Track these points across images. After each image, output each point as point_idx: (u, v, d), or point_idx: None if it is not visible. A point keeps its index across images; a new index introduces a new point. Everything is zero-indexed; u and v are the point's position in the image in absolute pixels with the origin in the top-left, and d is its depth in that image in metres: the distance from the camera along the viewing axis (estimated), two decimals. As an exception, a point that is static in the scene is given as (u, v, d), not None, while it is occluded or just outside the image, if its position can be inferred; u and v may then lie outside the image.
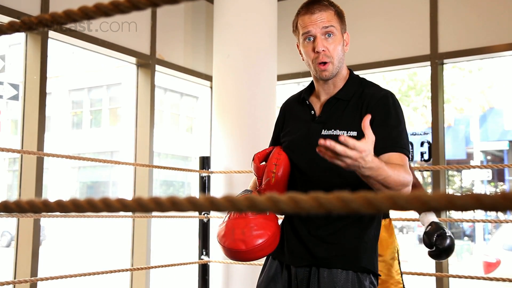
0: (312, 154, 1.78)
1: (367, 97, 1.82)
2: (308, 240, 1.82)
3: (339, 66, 1.86)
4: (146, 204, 0.58)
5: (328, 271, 1.78)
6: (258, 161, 1.90)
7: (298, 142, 1.87)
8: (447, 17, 4.76)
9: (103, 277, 9.43)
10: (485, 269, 6.77)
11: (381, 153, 1.70)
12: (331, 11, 1.84)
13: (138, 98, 4.96)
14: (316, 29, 1.80)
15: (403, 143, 1.76)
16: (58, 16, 0.68)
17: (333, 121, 1.82)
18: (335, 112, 1.84)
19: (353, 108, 1.82)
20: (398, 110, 1.83)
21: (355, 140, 1.49)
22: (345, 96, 1.85)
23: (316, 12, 1.81)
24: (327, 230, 1.80)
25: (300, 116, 1.93)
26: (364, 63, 5.15)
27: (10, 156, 20.85)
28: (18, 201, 0.66)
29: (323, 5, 1.83)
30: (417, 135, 4.86)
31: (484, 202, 0.45)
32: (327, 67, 1.81)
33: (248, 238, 1.77)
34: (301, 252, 1.83)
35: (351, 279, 1.77)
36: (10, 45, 18.25)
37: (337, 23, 1.85)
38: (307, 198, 0.51)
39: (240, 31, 4.77)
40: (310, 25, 1.81)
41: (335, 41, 1.83)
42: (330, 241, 1.80)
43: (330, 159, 1.51)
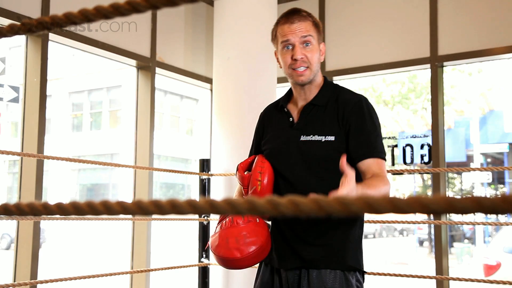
0: (292, 159, 1.89)
1: (342, 103, 1.90)
2: (296, 244, 1.89)
3: (315, 73, 1.93)
4: (146, 207, 0.58)
5: (317, 272, 1.85)
6: (242, 171, 1.97)
7: (279, 149, 1.95)
8: (447, 20, 4.77)
9: (103, 280, 9.41)
10: (485, 271, 6.76)
11: (360, 160, 1.82)
12: (309, 22, 1.92)
13: (138, 100, 4.96)
14: (295, 38, 1.89)
15: (380, 148, 1.86)
16: (58, 18, 0.68)
17: (311, 127, 1.90)
18: (312, 118, 1.92)
19: (329, 113, 1.90)
20: (373, 115, 1.91)
21: (337, 191, 1.57)
22: (320, 102, 1.93)
23: (295, 22, 1.89)
24: (313, 233, 1.88)
25: (279, 123, 2.01)
26: (364, 66, 5.15)
27: (10, 159, 20.85)
28: (18, 204, 0.66)
29: (301, 16, 1.91)
30: (417, 138, 4.86)
31: (484, 205, 0.45)
32: (304, 72, 1.90)
33: (242, 246, 1.83)
34: (289, 255, 1.90)
35: (339, 278, 1.84)
36: (10, 47, 18.27)
37: (314, 33, 1.92)
38: (307, 201, 0.51)
39: (240, 34, 4.78)
40: (289, 34, 1.89)
41: (312, 50, 1.91)
42: (317, 243, 1.87)
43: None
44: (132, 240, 4.80)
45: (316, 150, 1.86)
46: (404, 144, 4.90)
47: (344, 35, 5.26)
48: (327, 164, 1.85)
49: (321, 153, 1.86)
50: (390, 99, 20.71)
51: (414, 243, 17.16)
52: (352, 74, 5.28)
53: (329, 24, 5.33)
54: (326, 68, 5.26)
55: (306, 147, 1.88)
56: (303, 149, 1.88)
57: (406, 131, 16.36)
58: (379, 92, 20.71)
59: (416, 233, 17.75)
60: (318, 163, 1.87)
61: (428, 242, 17.08)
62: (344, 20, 5.28)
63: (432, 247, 16.10)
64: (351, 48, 5.22)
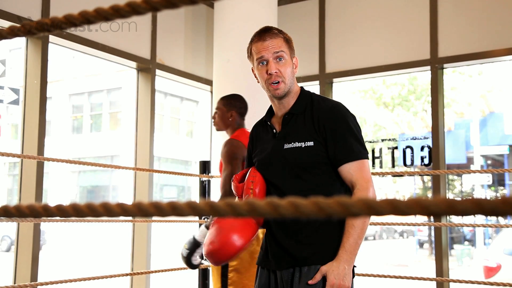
0: (279, 167, 2.03)
1: (317, 110, 2.03)
2: (287, 244, 2.00)
3: (290, 85, 2.06)
4: (146, 208, 0.58)
5: (308, 268, 1.96)
6: (237, 181, 2.12)
7: (266, 160, 2.08)
8: (447, 22, 4.77)
9: (103, 282, 9.41)
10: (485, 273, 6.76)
11: (340, 165, 1.96)
12: (280, 38, 2.05)
13: (139, 102, 4.96)
14: (268, 54, 2.02)
15: (357, 150, 1.97)
16: (58, 20, 0.68)
17: (292, 135, 2.03)
18: (292, 126, 2.05)
19: (306, 120, 2.03)
20: (347, 118, 2.01)
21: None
22: (297, 110, 2.06)
23: (267, 39, 2.03)
24: (303, 233, 1.99)
25: (264, 136, 2.16)
26: (364, 68, 5.15)
27: (10, 161, 20.86)
28: (18, 206, 0.66)
29: (273, 33, 2.05)
30: (417, 140, 4.86)
31: (484, 207, 0.45)
32: (279, 86, 2.02)
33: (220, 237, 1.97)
34: (282, 256, 2.01)
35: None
36: (10, 49, 18.29)
37: (286, 49, 2.05)
38: (307, 202, 0.51)
39: (240, 36, 4.78)
40: (263, 51, 2.03)
41: (285, 64, 2.04)
42: (307, 242, 1.98)
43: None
44: (132, 242, 4.79)
45: (298, 156, 1.98)
46: (404, 146, 4.89)
47: (344, 37, 5.26)
48: (310, 168, 1.98)
49: (303, 158, 1.98)
50: (390, 101, 20.71)
51: (414, 245, 17.15)
52: (352, 76, 5.28)
53: (330, 26, 5.33)
54: (326, 70, 5.26)
55: (289, 154, 2.01)
56: (287, 157, 2.01)
57: (406, 133, 16.36)
58: (379, 94, 20.71)
59: (416, 235, 17.74)
60: (301, 168, 1.98)
61: (429, 244, 17.07)
62: (344, 22, 5.28)
63: (432, 249, 16.08)
64: (351, 50, 5.22)
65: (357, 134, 1.99)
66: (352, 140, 1.97)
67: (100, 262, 13.56)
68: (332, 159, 1.96)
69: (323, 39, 5.32)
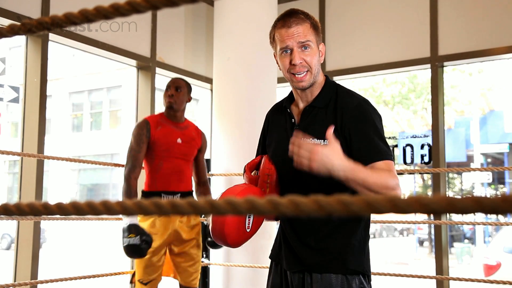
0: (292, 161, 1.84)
1: (341, 107, 1.87)
2: (298, 248, 1.90)
3: (316, 75, 1.89)
4: (146, 206, 0.58)
5: (320, 276, 1.85)
6: (249, 172, 1.97)
7: (281, 150, 1.92)
8: (447, 20, 4.77)
9: (103, 280, 9.40)
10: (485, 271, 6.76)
11: (367, 164, 1.77)
12: (307, 24, 1.87)
13: (139, 100, 4.96)
14: (293, 43, 1.84)
15: (383, 150, 1.81)
16: (58, 19, 0.68)
17: (310, 130, 1.87)
18: (312, 120, 1.90)
19: (329, 117, 1.87)
20: (373, 117, 1.87)
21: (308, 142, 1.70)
22: (320, 104, 1.90)
23: (292, 26, 1.85)
24: (315, 237, 1.88)
25: (281, 124, 2.00)
26: (364, 66, 5.15)
27: (10, 159, 20.86)
28: (18, 204, 0.66)
29: (299, 18, 1.86)
30: (417, 138, 4.86)
31: (484, 204, 0.45)
32: (304, 78, 1.86)
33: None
34: (293, 258, 1.91)
35: (341, 282, 1.83)
36: (10, 47, 18.28)
37: (313, 36, 1.87)
38: (307, 200, 0.51)
39: (240, 34, 4.78)
40: (287, 39, 1.84)
41: (311, 53, 1.86)
42: (318, 247, 1.87)
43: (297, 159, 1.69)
44: (132, 240, 4.79)
45: None
46: (404, 144, 4.89)
47: (344, 35, 5.26)
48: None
49: None
50: (391, 99, 20.71)
51: (414, 243, 17.16)
52: (352, 74, 5.28)
53: (330, 24, 5.33)
54: (326, 68, 5.26)
55: None
56: None
57: (406, 131, 16.35)
58: (379, 92, 20.70)
59: (416, 233, 17.75)
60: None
61: (428, 242, 17.08)
62: (344, 20, 5.28)
63: (432, 247, 16.10)
64: (352, 48, 5.22)
65: (382, 135, 1.85)
66: (377, 141, 1.82)
67: (100, 260, 13.57)
68: (358, 158, 1.78)
69: (323, 37, 5.32)
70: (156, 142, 3.36)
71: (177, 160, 3.42)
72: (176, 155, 3.42)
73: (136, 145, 3.33)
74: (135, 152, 3.33)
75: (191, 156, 3.53)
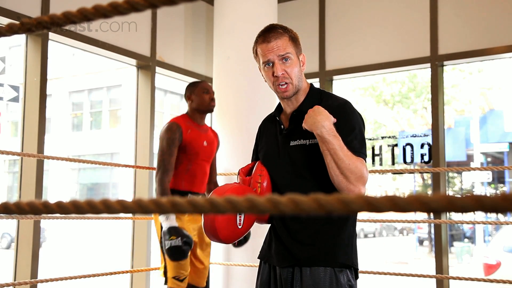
0: (283, 164, 2.02)
1: (325, 108, 1.97)
2: (290, 244, 1.98)
3: (298, 85, 2.02)
4: (146, 205, 0.58)
5: (310, 269, 1.93)
6: (243, 175, 2.10)
7: (271, 154, 2.08)
8: (447, 19, 4.76)
9: (103, 279, 9.41)
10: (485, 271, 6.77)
11: None
12: (285, 38, 2.01)
13: (138, 100, 4.96)
14: (273, 56, 1.98)
15: (356, 147, 1.92)
16: (57, 18, 0.68)
17: (298, 132, 2.00)
18: (299, 123, 2.00)
19: None
20: (352, 117, 1.99)
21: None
22: (306, 108, 2.00)
23: (272, 40, 1.99)
24: (305, 233, 1.97)
25: (271, 132, 2.14)
26: (364, 65, 5.15)
27: (10, 158, 20.86)
28: (18, 203, 0.66)
29: (278, 33, 2.01)
30: (417, 137, 4.86)
31: (484, 203, 0.45)
32: (287, 88, 2.00)
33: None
34: (284, 254, 1.99)
35: (329, 276, 1.92)
36: (10, 47, 18.28)
37: (292, 48, 2.00)
38: (307, 199, 0.51)
39: (240, 33, 4.77)
40: (268, 53, 1.99)
41: (292, 64, 1.99)
42: (309, 242, 1.96)
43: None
44: (133, 239, 4.80)
45: (302, 153, 1.97)
46: (404, 143, 4.89)
47: (344, 34, 5.26)
48: (314, 166, 1.95)
49: (306, 156, 1.96)
50: (390, 99, 20.71)
51: (414, 242, 17.16)
52: (352, 74, 5.28)
53: (330, 23, 5.33)
54: (326, 67, 5.26)
55: (293, 152, 2.00)
56: (291, 154, 2.00)
57: (406, 131, 16.36)
58: (379, 92, 20.70)
59: (416, 232, 17.75)
60: (305, 166, 1.97)
61: (428, 241, 17.09)
62: (344, 19, 5.28)
63: (432, 246, 16.10)
64: (351, 47, 5.22)
65: (358, 134, 1.96)
66: (353, 139, 1.93)
67: (100, 259, 13.57)
68: None
69: (323, 37, 5.32)
70: (187, 146, 3.41)
71: (203, 162, 3.51)
72: (203, 158, 3.51)
73: (168, 148, 3.37)
74: (168, 156, 3.36)
75: (212, 158, 3.64)
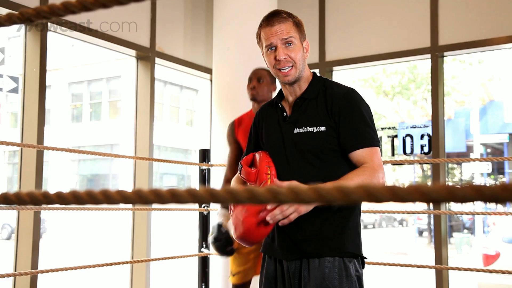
0: (288, 152, 1.97)
1: (330, 95, 1.97)
2: (296, 237, 1.94)
3: (301, 70, 1.99)
4: (146, 196, 0.58)
5: (318, 260, 1.90)
6: (247, 167, 2.02)
7: (275, 143, 2.03)
8: (448, 10, 4.75)
9: (103, 270, 9.45)
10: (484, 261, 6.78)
11: (351, 151, 1.90)
12: (289, 22, 1.99)
13: (138, 91, 4.95)
14: (276, 40, 1.96)
15: (369, 136, 1.91)
16: (56, 8, 0.68)
17: (302, 120, 1.97)
18: (304, 111, 1.99)
19: (319, 105, 1.97)
20: (361, 105, 1.96)
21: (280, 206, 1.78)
22: (310, 95, 1.99)
23: (275, 24, 1.97)
24: (312, 225, 1.93)
25: (274, 119, 2.09)
26: (364, 56, 5.14)
27: (10, 149, 20.85)
28: (18, 193, 0.66)
29: (281, 17, 1.99)
30: (417, 128, 4.86)
31: (484, 193, 0.45)
32: (290, 72, 1.96)
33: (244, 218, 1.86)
34: (291, 247, 1.95)
35: (338, 266, 1.89)
36: (9, 37, 18.22)
37: (295, 33, 1.99)
38: (307, 189, 0.51)
39: (240, 24, 4.76)
40: (271, 37, 1.97)
41: (295, 49, 1.97)
42: (316, 234, 1.93)
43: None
44: (132, 230, 4.81)
45: (309, 141, 1.93)
46: (404, 134, 4.90)
47: (344, 25, 5.24)
48: (321, 153, 1.92)
49: (314, 144, 1.92)
50: (391, 90, 20.68)
51: (413, 233, 17.20)
52: (352, 64, 5.27)
53: (330, 14, 5.31)
54: (326, 58, 5.25)
55: (299, 139, 1.95)
56: (297, 141, 1.95)
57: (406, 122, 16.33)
58: (379, 83, 20.67)
59: (416, 223, 17.79)
60: (312, 153, 1.93)
61: (428, 232, 17.12)
62: (344, 10, 5.26)
63: (431, 237, 16.14)
64: (351, 38, 5.20)
65: (369, 122, 1.94)
66: (365, 127, 1.91)
67: (100, 250, 13.61)
68: (343, 145, 1.91)
69: (323, 27, 5.30)
70: (241, 141, 3.36)
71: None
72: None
73: (228, 146, 3.45)
74: (229, 154, 3.42)
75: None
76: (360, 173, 1.83)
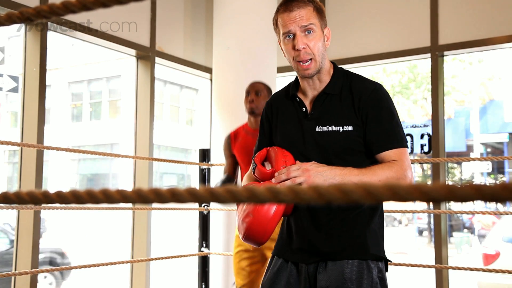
0: (308, 151, 1.81)
1: (357, 92, 1.81)
2: (315, 238, 1.81)
3: (322, 62, 1.84)
4: (146, 195, 0.58)
5: (339, 262, 1.78)
6: (261, 165, 1.84)
7: (294, 140, 1.86)
8: (448, 9, 4.74)
9: (103, 269, 9.45)
10: (484, 261, 6.78)
11: (380, 152, 1.76)
12: (309, 8, 1.81)
13: (138, 90, 4.95)
14: (295, 27, 1.78)
15: (399, 136, 1.79)
16: (56, 7, 0.68)
17: (326, 117, 1.81)
18: (327, 107, 1.82)
19: (345, 103, 1.82)
20: (390, 103, 1.83)
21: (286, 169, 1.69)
22: (333, 91, 1.84)
23: (294, 9, 1.79)
24: (332, 225, 1.81)
25: (291, 113, 1.90)
26: (364, 55, 5.13)
27: (10, 149, 20.85)
28: (18, 192, 0.66)
29: (301, 2, 1.80)
30: (417, 128, 4.86)
31: (484, 192, 0.45)
32: (309, 66, 1.80)
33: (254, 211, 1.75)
34: (309, 250, 1.82)
35: (359, 269, 1.76)
36: (9, 37, 18.21)
37: (316, 20, 1.82)
38: (307, 189, 0.51)
39: (240, 23, 4.76)
40: (289, 24, 1.78)
41: (315, 37, 1.81)
42: (337, 235, 1.80)
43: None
44: (132, 229, 4.81)
45: (334, 141, 1.78)
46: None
47: (344, 25, 5.24)
48: (346, 155, 1.79)
49: (340, 144, 1.78)
50: (391, 89, 20.65)
51: (413, 233, 17.20)
52: (352, 64, 5.26)
53: (330, 13, 5.30)
54: (326, 58, 5.24)
55: (322, 138, 1.80)
56: (319, 140, 1.80)
57: (406, 121, 16.35)
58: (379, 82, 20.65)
59: (416, 222, 17.79)
60: (335, 154, 1.78)
61: (428, 231, 17.13)
62: (344, 9, 5.26)
63: (431, 237, 16.14)
64: (351, 37, 5.20)
65: (398, 121, 1.82)
66: (395, 127, 1.79)
67: (100, 249, 13.61)
68: (371, 145, 1.77)
69: (323, 27, 5.30)
70: (236, 155, 3.42)
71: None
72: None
73: (225, 159, 3.53)
74: (225, 167, 3.52)
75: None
76: (386, 168, 1.71)
